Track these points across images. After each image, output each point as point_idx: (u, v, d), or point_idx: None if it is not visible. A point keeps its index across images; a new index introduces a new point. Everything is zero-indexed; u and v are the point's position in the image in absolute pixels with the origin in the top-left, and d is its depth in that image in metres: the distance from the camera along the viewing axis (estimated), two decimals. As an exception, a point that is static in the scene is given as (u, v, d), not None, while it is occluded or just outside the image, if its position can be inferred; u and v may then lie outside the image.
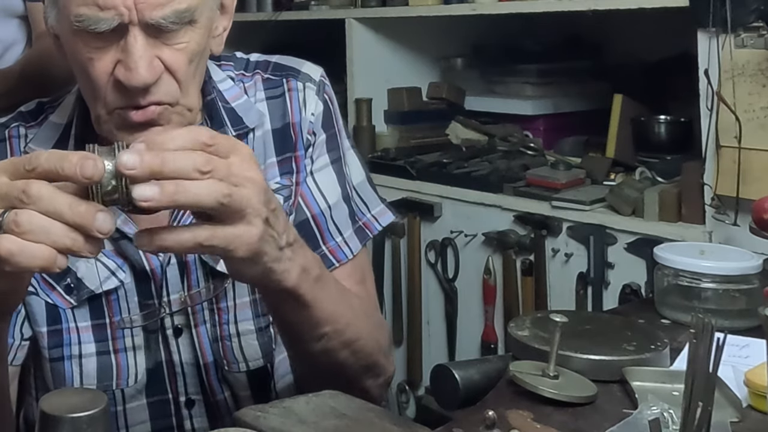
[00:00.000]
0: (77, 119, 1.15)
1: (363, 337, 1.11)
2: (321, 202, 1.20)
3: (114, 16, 0.99)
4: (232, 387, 1.18)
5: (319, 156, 1.21)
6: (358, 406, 0.95)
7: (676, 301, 1.27)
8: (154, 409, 1.17)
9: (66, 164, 0.78)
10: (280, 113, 1.20)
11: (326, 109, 1.22)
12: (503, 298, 2.21)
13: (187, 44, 1.04)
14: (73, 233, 0.79)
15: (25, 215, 0.78)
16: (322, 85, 1.23)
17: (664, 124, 2.17)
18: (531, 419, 0.95)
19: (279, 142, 1.19)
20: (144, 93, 1.02)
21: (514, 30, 2.63)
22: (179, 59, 1.04)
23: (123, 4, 0.99)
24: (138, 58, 1.00)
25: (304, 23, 2.90)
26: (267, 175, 1.18)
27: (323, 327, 1.04)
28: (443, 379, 1.07)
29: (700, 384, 0.83)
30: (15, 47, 1.78)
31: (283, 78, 1.22)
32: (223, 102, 1.18)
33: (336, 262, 1.20)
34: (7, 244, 0.78)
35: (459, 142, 2.62)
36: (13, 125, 1.18)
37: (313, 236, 1.19)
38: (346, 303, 1.09)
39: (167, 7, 1.00)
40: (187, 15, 1.02)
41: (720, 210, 1.72)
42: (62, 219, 0.78)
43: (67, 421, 0.76)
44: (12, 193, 0.79)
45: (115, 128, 1.06)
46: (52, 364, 1.15)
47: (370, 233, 1.25)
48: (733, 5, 1.66)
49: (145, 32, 1.01)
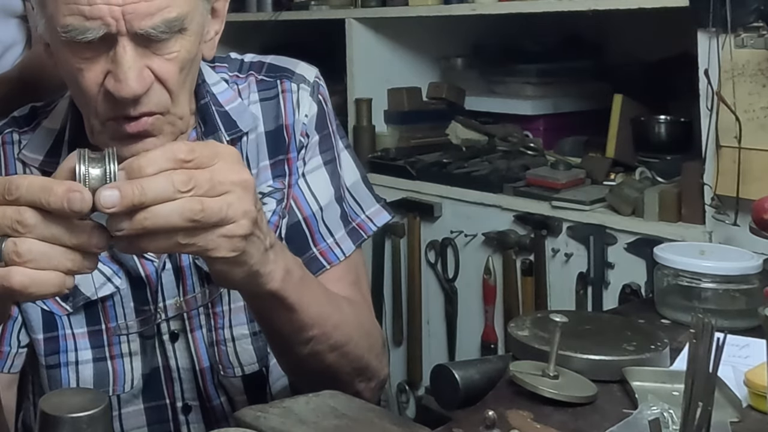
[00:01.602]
0: (70, 124, 1.14)
1: (352, 340, 1.10)
2: (312, 203, 1.20)
3: (101, 26, 0.96)
4: (228, 392, 1.18)
5: (311, 157, 1.20)
6: (358, 406, 0.95)
7: (676, 301, 1.27)
8: (151, 415, 1.17)
9: (52, 198, 0.78)
10: (273, 115, 1.19)
11: (320, 110, 1.21)
12: (503, 298, 2.21)
13: (178, 53, 1.02)
14: (72, 254, 0.81)
15: (25, 245, 0.79)
16: (316, 86, 1.22)
17: (664, 124, 2.17)
18: (531, 419, 0.95)
19: (272, 145, 1.19)
20: (135, 104, 1.00)
21: (514, 30, 2.63)
22: (170, 69, 1.02)
23: (110, 14, 0.96)
24: (127, 69, 0.98)
25: (304, 23, 2.90)
26: (260, 178, 1.17)
27: (309, 330, 1.03)
28: (443, 379, 1.07)
29: (700, 384, 0.82)
30: (14, 48, 1.78)
31: (276, 79, 1.21)
32: (217, 105, 1.17)
33: (327, 264, 1.19)
34: (19, 277, 0.79)
35: (459, 142, 2.62)
36: (7, 131, 1.17)
37: (304, 238, 1.19)
38: (332, 305, 1.08)
39: (156, 17, 0.98)
40: (176, 23, 1.00)
41: (720, 210, 1.72)
42: (60, 243, 0.80)
43: (67, 421, 0.76)
44: (4, 222, 0.79)
45: (109, 139, 1.04)
46: (48, 370, 1.15)
47: (364, 234, 1.24)
48: (733, 5, 1.66)
49: (134, 42, 0.98)
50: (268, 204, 1.17)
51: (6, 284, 0.79)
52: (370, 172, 2.38)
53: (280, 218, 1.18)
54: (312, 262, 1.18)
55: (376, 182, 2.37)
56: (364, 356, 1.14)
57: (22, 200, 0.79)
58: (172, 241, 0.83)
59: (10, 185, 0.80)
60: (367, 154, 2.55)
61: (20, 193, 0.79)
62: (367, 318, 1.20)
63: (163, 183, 0.80)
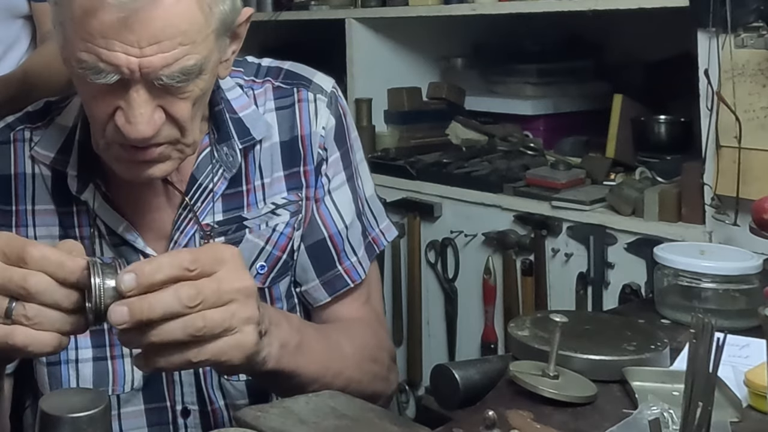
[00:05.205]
0: (82, 123, 1.13)
1: (354, 380, 1.11)
2: (338, 222, 1.20)
3: (116, 71, 0.95)
4: (229, 396, 1.18)
5: (335, 174, 1.20)
6: (358, 406, 0.95)
7: (676, 301, 1.27)
8: (151, 417, 1.17)
9: (68, 274, 0.85)
10: (288, 125, 1.18)
11: (338, 123, 1.21)
12: (503, 298, 2.21)
13: (192, 92, 1.00)
14: (71, 317, 0.86)
15: (33, 309, 0.84)
16: (333, 96, 1.21)
17: (664, 124, 2.17)
18: (531, 419, 0.95)
19: (287, 156, 1.18)
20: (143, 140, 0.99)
21: (514, 30, 2.63)
22: (182, 107, 1.00)
23: (127, 64, 0.94)
24: (138, 114, 0.97)
25: (304, 23, 2.90)
26: (273, 188, 1.17)
27: (310, 386, 1.05)
28: (443, 379, 1.07)
29: (700, 384, 0.82)
30: (17, 47, 1.78)
31: (293, 87, 1.20)
32: (231, 112, 1.16)
33: (351, 283, 1.21)
34: (22, 337, 0.84)
35: (459, 142, 2.62)
36: (19, 128, 1.17)
37: (329, 256, 1.20)
38: (332, 353, 1.09)
39: (174, 66, 0.95)
40: (194, 70, 0.98)
41: (720, 210, 1.72)
42: (61, 308, 0.85)
43: (67, 421, 0.76)
44: (10, 286, 0.84)
45: (114, 160, 1.05)
46: (49, 368, 1.15)
47: (377, 249, 1.26)
48: (733, 5, 1.66)
49: (148, 86, 0.96)
50: (281, 215, 1.18)
51: (10, 342, 0.84)
52: (370, 172, 2.37)
53: (293, 230, 1.18)
54: (337, 280, 1.20)
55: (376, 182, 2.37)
56: (369, 388, 1.15)
57: (34, 267, 0.84)
58: (184, 358, 0.86)
59: (23, 250, 0.84)
60: (367, 154, 2.53)
61: (34, 261, 0.84)
62: (371, 340, 1.20)
63: (171, 299, 0.83)
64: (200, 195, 1.14)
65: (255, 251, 1.17)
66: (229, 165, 1.14)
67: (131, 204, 1.14)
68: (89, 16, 0.93)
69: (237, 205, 1.16)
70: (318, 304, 1.22)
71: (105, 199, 1.13)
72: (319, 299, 1.22)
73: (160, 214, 1.15)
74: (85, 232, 1.14)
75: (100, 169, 1.12)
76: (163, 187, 1.14)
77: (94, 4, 0.93)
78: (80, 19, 0.94)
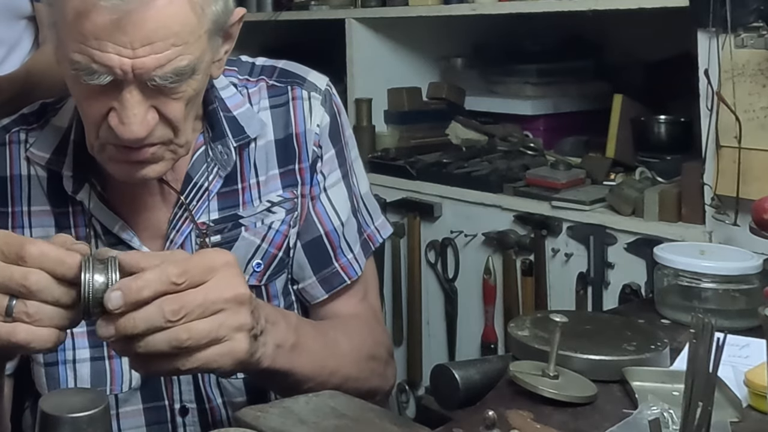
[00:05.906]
0: (76, 123, 1.14)
1: (351, 377, 1.12)
2: (334, 218, 1.21)
3: (109, 72, 0.95)
4: (227, 393, 1.18)
5: (330, 171, 1.21)
6: (358, 406, 0.95)
7: (676, 301, 1.27)
8: (149, 416, 1.17)
9: (66, 270, 0.86)
10: (283, 123, 1.19)
11: (333, 120, 1.21)
12: (503, 298, 2.21)
13: (185, 92, 1.01)
14: (68, 312, 0.87)
15: (34, 306, 0.86)
16: (328, 94, 1.21)
17: (664, 124, 2.16)
18: (531, 419, 0.95)
19: (282, 154, 1.19)
20: (137, 141, 1.00)
21: (514, 30, 2.63)
22: (176, 107, 1.01)
23: (119, 65, 0.95)
24: (132, 115, 0.97)
25: (304, 23, 2.90)
26: (268, 186, 1.18)
27: (307, 383, 1.05)
28: (443, 379, 1.07)
29: (700, 384, 0.82)
30: (20, 48, 1.77)
31: (287, 86, 1.21)
32: (225, 111, 1.16)
33: (348, 279, 1.21)
34: (24, 334, 0.86)
35: (459, 142, 2.61)
36: (14, 130, 1.18)
37: (326, 253, 1.20)
38: (328, 351, 1.09)
39: (166, 67, 0.96)
40: (187, 71, 0.98)
41: (720, 210, 1.72)
42: (59, 305, 0.87)
43: (67, 421, 0.76)
44: (10, 284, 0.85)
45: (108, 160, 1.05)
46: (46, 368, 1.15)
47: (373, 246, 1.27)
48: (733, 5, 1.66)
49: (141, 87, 0.97)
50: (277, 213, 1.18)
51: (13, 340, 0.85)
52: (370, 172, 2.38)
53: (289, 227, 1.19)
54: (334, 277, 1.21)
55: (376, 182, 2.38)
56: (366, 384, 1.15)
57: (33, 264, 0.85)
58: (173, 366, 0.87)
59: (21, 247, 0.85)
60: (367, 154, 2.54)
61: (33, 259, 0.85)
62: (368, 337, 1.20)
63: (154, 314, 0.85)
64: (195, 193, 1.15)
65: (251, 249, 1.17)
66: (223, 163, 1.15)
67: (127, 203, 1.14)
68: (82, 18, 0.94)
69: (232, 204, 1.17)
70: (315, 301, 1.22)
71: (100, 198, 1.13)
72: (316, 296, 1.22)
73: (156, 213, 1.15)
74: (81, 232, 1.14)
75: (95, 169, 1.13)
76: (158, 186, 1.15)
77: (86, 5, 0.93)
78: (73, 21, 0.95)
